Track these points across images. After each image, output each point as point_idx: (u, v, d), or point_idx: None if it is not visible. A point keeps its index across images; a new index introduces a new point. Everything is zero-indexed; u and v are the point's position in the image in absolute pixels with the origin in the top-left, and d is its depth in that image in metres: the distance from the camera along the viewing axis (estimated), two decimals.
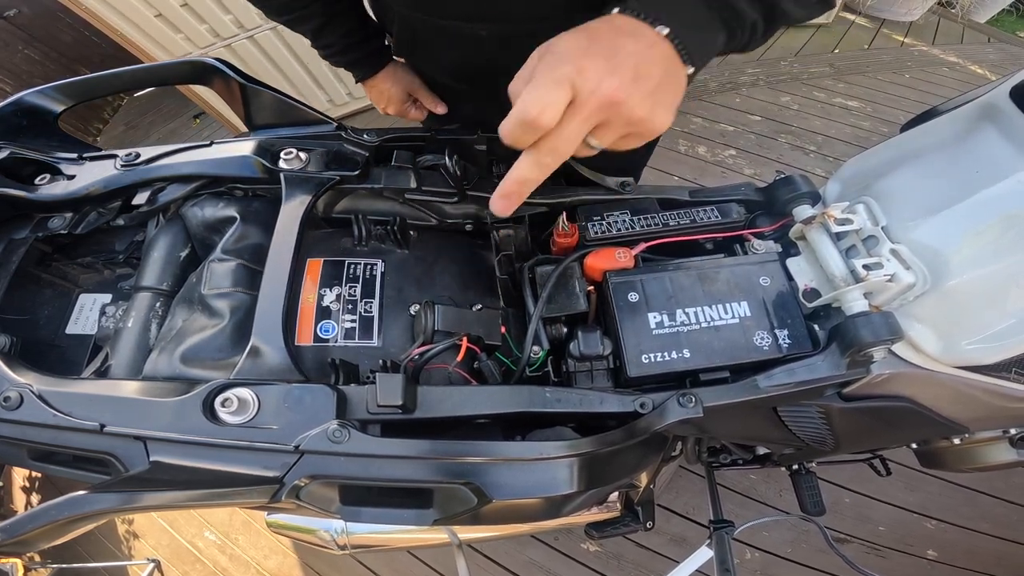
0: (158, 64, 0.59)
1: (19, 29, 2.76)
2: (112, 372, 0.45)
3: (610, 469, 0.43)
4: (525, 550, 1.38)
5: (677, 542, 1.37)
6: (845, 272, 0.42)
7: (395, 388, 0.38)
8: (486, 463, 0.38)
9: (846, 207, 0.46)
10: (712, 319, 0.44)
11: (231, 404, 0.37)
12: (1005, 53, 2.83)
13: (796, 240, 0.49)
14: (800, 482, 0.90)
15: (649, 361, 0.43)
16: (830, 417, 0.50)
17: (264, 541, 1.47)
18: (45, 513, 0.34)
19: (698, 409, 0.39)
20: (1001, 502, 1.38)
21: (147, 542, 1.50)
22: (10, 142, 0.52)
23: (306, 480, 0.37)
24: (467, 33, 0.58)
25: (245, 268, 0.47)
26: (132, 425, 0.36)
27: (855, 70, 2.59)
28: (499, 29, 0.56)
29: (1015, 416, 0.55)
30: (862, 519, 1.38)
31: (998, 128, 0.43)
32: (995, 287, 0.40)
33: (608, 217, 0.51)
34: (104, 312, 0.52)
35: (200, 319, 0.45)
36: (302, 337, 0.46)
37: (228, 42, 2.05)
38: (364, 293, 0.50)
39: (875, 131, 2.30)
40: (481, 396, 0.40)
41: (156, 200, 0.52)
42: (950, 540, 1.34)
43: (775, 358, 0.43)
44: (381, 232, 0.54)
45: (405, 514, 0.40)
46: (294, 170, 0.50)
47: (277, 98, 0.55)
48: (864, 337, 0.39)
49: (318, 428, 0.36)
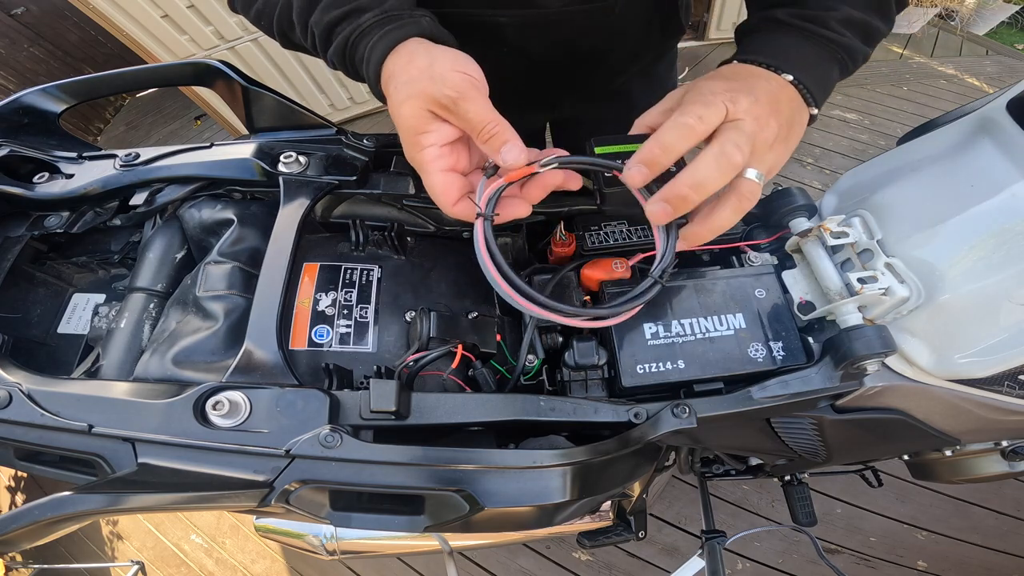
0: (161, 65, 0.59)
1: (26, 27, 2.78)
2: (103, 373, 0.45)
3: (603, 478, 0.43)
4: (516, 558, 1.37)
5: (669, 552, 1.37)
6: (840, 285, 0.43)
7: (389, 394, 0.37)
8: (479, 470, 0.38)
9: (842, 220, 0.46)
10: (707, 330, 0.44)
11: (222, 407, 0.36)
12: (1003, 66, 2.86)
13: (792, 253, 0.49)
14: (792, 493, 0.90)
15: (644, 371, 0.43)
16: (823, 429, 0.50)
17: (252, 545, 1.45)
18: (29, 513, 0.34)
19: (692, 420, 0.39)
20: (992, 513, 1.39)
21: (132, 544, 1.49)
22: (10, 140, 0.52)
23: (296, 485, 0.36)
24: (487, 21, 0.58)
25: (241, 271, 0.47)
26: (121, 426, 0.36)
27: (853, 82, 2.62)
28: (521, 16, 0.56)
29: (1007, 429, 0.55)
30: (853, 530, 1.38)
31: (994, 141, 0.44)
32: (988, 301, 0.40)
33: (606, 227, 0.51)
34: (97, 312, 0.52)
35: (194, 321, 0.44)
36: (296, 341, 0.46)
37: (232, 44, 2.06)
38: (360, 298, 0.50)
39: (873, 144, 2.33)
40: (475, 403, 0.40)
41: (154, 201, 0.52)
42: (941, 551, 1.34)
43: (769, 370, 0.43)
44: (378, 238, 0.54)
45: (396, 520, 0.40)
46: (293, 174, 0.50)
47: (278, 101, 0.55)
48: (858, 350, 0.39)
49: (310, 433, 0.36)
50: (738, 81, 0.38)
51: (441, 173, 0.39)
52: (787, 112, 0.38)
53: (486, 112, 0.36)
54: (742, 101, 0.35)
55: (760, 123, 0.35)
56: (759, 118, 0.35)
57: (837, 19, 0.41)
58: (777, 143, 0.37)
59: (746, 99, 0.35)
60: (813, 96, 0.40)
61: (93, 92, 0.57)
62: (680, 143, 0.34)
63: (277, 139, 0.55)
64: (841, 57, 0.42)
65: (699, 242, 0.38)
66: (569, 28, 0.59)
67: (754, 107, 0.35)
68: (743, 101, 0.35)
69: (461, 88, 0.36)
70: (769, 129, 0.36)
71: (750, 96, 0.36)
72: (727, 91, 0.36)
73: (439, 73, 0.36)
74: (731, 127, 0.35)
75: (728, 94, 0.35)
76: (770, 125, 0.36)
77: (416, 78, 0.37)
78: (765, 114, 0.36)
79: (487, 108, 0.37)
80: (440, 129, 0.38)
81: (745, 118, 0.35)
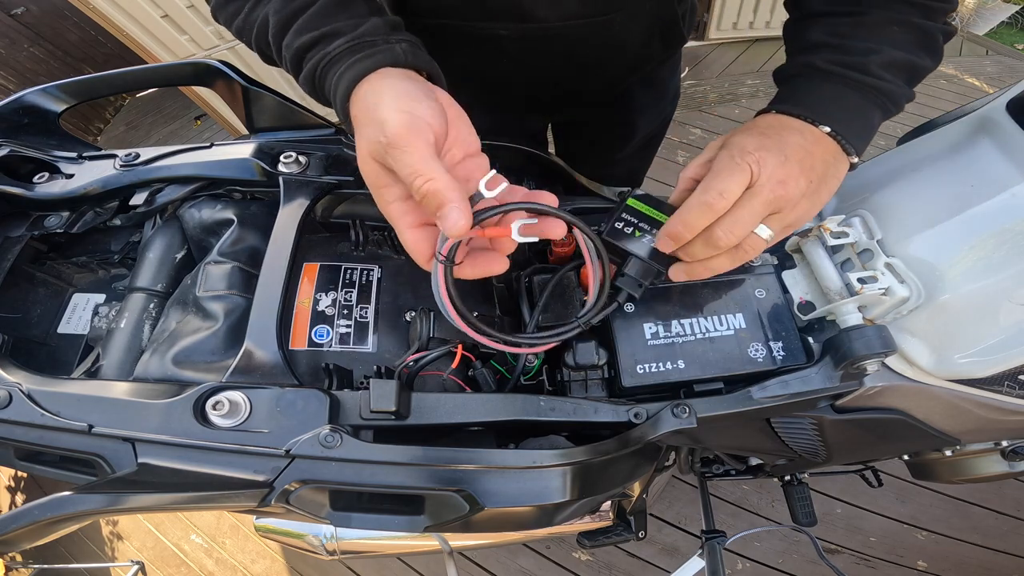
0: (161, 65, 0.59)
1: (26, 27, 2.78)
2: (103, 373, 0.45)
3: (603, 478, 0.43)
4: (516, 558, 1.37)
5: (669, 552, 1.37)
6: (840, 285, 0.43)
7: (389, 394, 0.37)
8: (479, 470, 0.38)
9: (842, 220, 0.46)
10: (707, 330, 0.44)
11: (222, 407, 0.36)
12: (1003, 66, 2.86)
13: (792, 253, 0.49)
14: (792, 493, 0.90)
15: (644, 371, 0.43)
16: (823, 429, 0.50)
17: (252, 545, 1.45)
18: (28, 513, 0.34)
19: (692, 420, 0.39)
20: (992, 513, 1.39)
21: (131, 544, 1.48)
22: (10, 140, 0.52)
23: (296, 485, 0.36)
24: (487, 35, 0.58)
25: (241, 271, 0.47)
26: (121, 426, 0.36)
27: None
28: (521, 30, 0.57)
29: (1007, 429, 0.55)
30: (853, 530, 1.38)
31: (994, 141, 0.44)
32: (988, 301, 0.40)
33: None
34: (97, 312, 0.52)
35: (194, 321, 0.44)
36: (296, 341, 0.46)
37: (232, 44, 2.06)
38: (360, 298, 0.50)
39: (873, 144, 2.32)
40: (475, 403, 0.40)
41: (154, 201, 0.52)
42: (941, 551, 1.34)
43: (769, 370, 0.43)
44: (378, 238, 0.54)
45: (396, 520, 0.40)
46: (293, 174, 0.50)
47: (278, 101, 0.55)
48: (858, 350, 0.39)
49: (310, 433, 0.36)
50: (771, 137, 0.37)
51: (410, 230, 0.35)
52: (820, 167, 0.38)
53: (420, 163, 0.31)
54: (769, 163, 0.35)
55: (786, 186, 0.35)
56: (785, 181, 0.35)
57: (879, 63, 0.39)
58: (804, 199, 0.37)
59: (774, 160, 0.35)
60: (853, 145, 0.39)
61: (93, 92, 0.57)
62: (701, 221, 0.36)
63: (277, 139, 0.55)
64: (883, 103, 0.40)
65: (697, 278, 0.40)
66: (569, 41, 0.59)
67: (780, 169, 0.35)
68: (770, 163, 0.35)
69: (393, 133, 0.31)
70: (796, 188, 0.36)
71: (780, 156, 0.36)
72: (757, 150, 0.36)
73: (380, 116, 0.32)
74: (752, 195, 0.35)
75: (757, 154, 0.35)
76: (798, 184, 0.36)
77: (363, 122, 0.34)
78: (794, 174, 0.36)
79: (423, 158, 0.31)
80: (398, 182, 0.33)
81: (767, 183, 0.35)
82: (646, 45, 0.66)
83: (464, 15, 0.56)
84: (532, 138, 0.92)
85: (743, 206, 0.35)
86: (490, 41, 0.59)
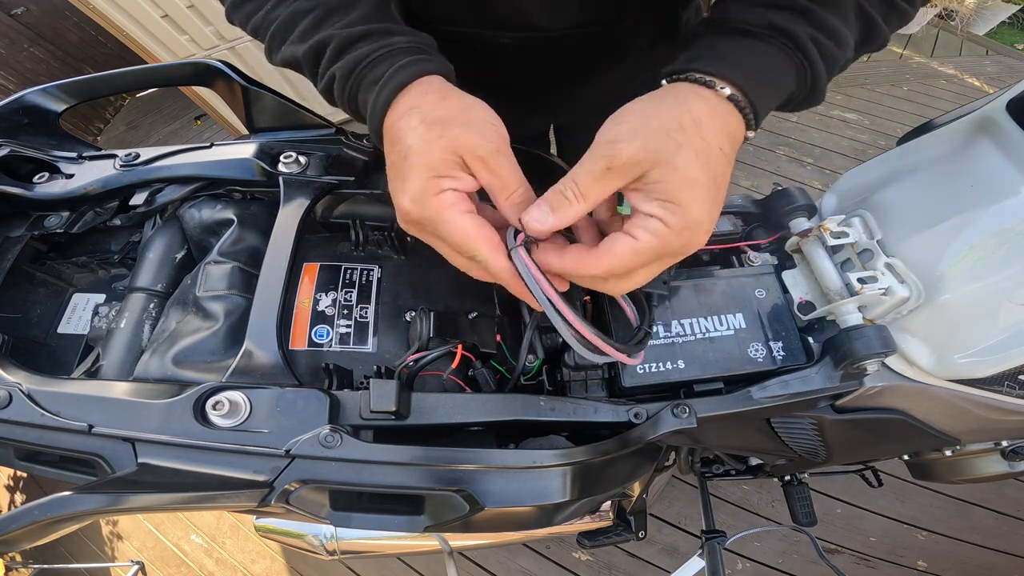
0: (161, 65, 0.59)
1: (26, 27, 2.77)
2: (103, 373, 0.45)
3: (603, 478, 0.43)
4: (516, 558, 1.37)
5: (669, 552, 1.37)
6: (840, 285, 0.43)
7: (389, 394, 0.37)
8: (479, 470, 0.38)
9: (842, 220, 0.46)
10: (707, 330, 0.44)
11: (222, 407, 0.36)
12: (1003, 66, 2.86)
13: (792, 253, 0.49)
14: (792, 493, 0.90)
15: (644, 371, 0.43)
16: (823, 429, 0.50)
17: (252, 545, 1.46)
18: (28, 513, 0.34)
19: (692, 420, 0.39)
20: (992, 513, 1.39)
21: (131, 544, 1.49)
22: (10, 140, 0.52)
23: (296, 485, 0.36)
24: (489, 41, 0.58)
25: (241, 271, 0.47)
26: (121, 426, 0.36)
27: (853, 82, 2.62)
28: (524, 38, 0.57)
29: (1007, 429, 0.55)
30: (853, 530, 1.39)
31: (994, 142, 0.44)
32: (988, 301, 0.40)
33: None
34: (97, 312, 0.52)
35: (194, 321, 0.44)
36: (296, 341, 0.46)
37: (232, 44, 2.06)
38: (360, 298, 0.50)
39: (873, 144, 2.33)
40: (475, 404, 0.40)
41: (154, 201, 0.52)
42: (941, 551, 1.35)
43: (769, 370, 0.43)
44: (378, 238, 0.54)
45: (396, 520, 0.40)
46: (293, 174, 0.50)
47: (278, 101, 0.55)
48: (858, 350, 0.39)
49: (310, 433, 0.36)
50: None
51: (467, 215, 0.33)
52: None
53: (519, 171, 0.34)
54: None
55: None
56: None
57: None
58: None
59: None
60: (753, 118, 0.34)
61: (93, 92, 0.57)
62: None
63: (277, 139, 0.55)
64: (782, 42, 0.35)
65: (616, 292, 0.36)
66: (571, 49, 0.59)
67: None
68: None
69: (497, 141, 0.34)
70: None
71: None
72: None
73: (476, 120, 0.34)
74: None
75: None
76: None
77: (450, 119, 0.33)
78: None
79: (518, 167, 0.35)
80: (463, 178, 0.34)
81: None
82: (650, 51, 0.66)
83: (467, 23, 0.56)
84: (534, 139, 0.92)
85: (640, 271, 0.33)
86: (493, 48, 0.59)
